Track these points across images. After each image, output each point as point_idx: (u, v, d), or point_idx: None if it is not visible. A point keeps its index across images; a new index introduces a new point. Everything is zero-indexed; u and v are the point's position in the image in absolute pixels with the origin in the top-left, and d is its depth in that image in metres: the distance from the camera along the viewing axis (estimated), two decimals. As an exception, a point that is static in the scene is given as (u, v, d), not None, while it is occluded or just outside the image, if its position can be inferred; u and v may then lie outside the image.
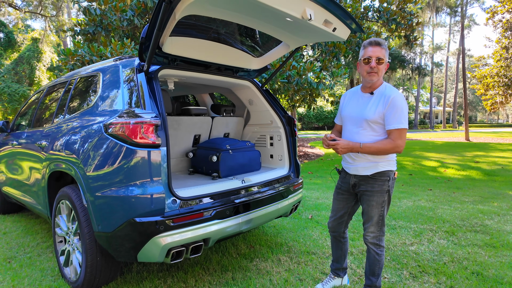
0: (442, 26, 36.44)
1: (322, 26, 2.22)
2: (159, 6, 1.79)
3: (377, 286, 2.08)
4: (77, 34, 7.05)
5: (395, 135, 1.88)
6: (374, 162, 1.96)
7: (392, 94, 1.90)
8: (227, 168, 2.79)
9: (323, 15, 2.17)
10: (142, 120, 1.95)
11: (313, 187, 6.06)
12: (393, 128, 1.88)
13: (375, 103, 1.95)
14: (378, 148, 1.89)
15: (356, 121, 2.02)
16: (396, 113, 1.87)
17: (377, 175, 1.97)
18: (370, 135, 1.96)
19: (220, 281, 2.44)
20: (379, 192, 1.98)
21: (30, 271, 2.65)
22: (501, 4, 16.16)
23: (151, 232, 1.87)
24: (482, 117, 61.12)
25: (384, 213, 2.01)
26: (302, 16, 2.04)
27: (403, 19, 8.54)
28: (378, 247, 2.04)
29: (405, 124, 1.89)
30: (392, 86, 1.99)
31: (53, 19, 20.44)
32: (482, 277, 2.45)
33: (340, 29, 2.36)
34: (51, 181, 2.66)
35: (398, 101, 1.88)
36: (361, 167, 2.01)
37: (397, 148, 1.88)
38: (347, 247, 2.33)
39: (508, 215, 4.05)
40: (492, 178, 7.00)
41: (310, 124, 35.97)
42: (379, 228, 2.02)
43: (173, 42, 2.37)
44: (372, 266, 2.06)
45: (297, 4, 1.99)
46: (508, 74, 16.77)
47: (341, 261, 2.32)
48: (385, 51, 1.93)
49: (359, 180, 2.04)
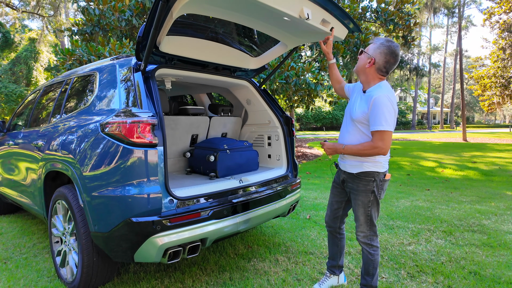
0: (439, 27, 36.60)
1: (320, 26, 2.22)
2: (156, 4, 1.78)
3: (372, 285, 2.07)
4: (74, 34, 7.03)
5: (375, 137, 1.84)
6: (359, 162, 1.97)
7: (376, 94, 1.84)
8: (224, 168, 2.78)
9: (321, 14, 2.17)
10: (139, 119, 1.94)
11: (311, 187, 6.06)
12: (374, 129, 1.84)
13: (362, 102, 1.94)
14: (358, 150, 1.90)
15: (347, 118, 2.07)
16: (377, 114, 1.82)
17: (362, 175, 1.97)
18: (356, 134, 1.97)
19: (217, 281, 2.43)
20: (364, 192, 1.98)
21: (26, 272, 2.63)
22: (498, 5, 16.25)
23: (148, 232, 1.86)
24: (479, 118, 61.39)
25: (372, 214, 1.99)
26: (300, 15, 2.03)
27: (400, 20, 8.57)
28: (371, 247, 2.04)
29: (386, 126, 1.80)
30: (385, 86, 1.90)
31: (50, 19, 20.37)
32: (479, 277, 2.45)
33: (338, 28, 2.36)
34: (47, 181, 2.65)
35: (380, 102, 1.81)
36: (349, 165, 2.04)
37: (377, 149, 1.83)
38: (343, 244, 2.33)
39: (505, 215, 4.06)
40: (489, 178, 7.02)
41: (308, 124, 36.00)
42: (368, 228, 2.02)
43: (170, 41, 2.36)
44: (366, 265, 2.07)
45: (295, 3, 1.98)
46: (505, 75, 16.85)
47: (337, 258, 2.32)
48: (371, 46, 1.94)
49: (347, 176, 2.08)
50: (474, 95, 21.04)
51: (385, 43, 1.91)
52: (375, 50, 1.92)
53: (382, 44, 1.91)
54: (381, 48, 1.90)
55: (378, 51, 1.91)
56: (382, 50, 1.90)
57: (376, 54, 1.91)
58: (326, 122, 35.96)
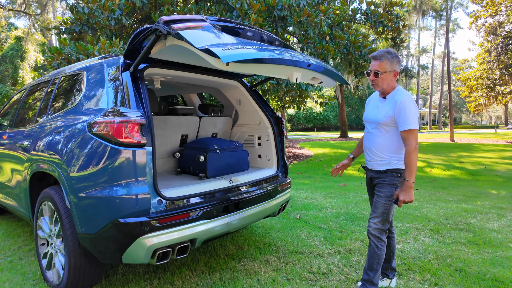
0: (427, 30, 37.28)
1: (309, 81, 2.44)
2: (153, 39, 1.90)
3: (374, 282, 2.10)
4: (62, 32, 6.91)
5: (408, 135, 2.01)
6: (387, 160, 2.12)
7: (400, 98, 2.05)
8: (214, 168, 2.77)
9: (310, 74, 2.33)
10: (127, 119, 1.92)
11: (302, 187, 6.09)
12: (404, 129, 2.02)
13: (385, 107, 2.12)
14: (410, 164, 1.99)
15: (371, 123, 2.22)
16: (405, 115, 2.01)
17: (390, 171, 2.12)
18: (382, 135, 2.15)
19: (207, 282, 2.42)
20: (389, 185, 2.11)
21: (11, 275, 2.57)
22: (484, 8, 16.63)
23: (136, 233, 1.84)
24: (466, 119, 62.67)
25: (390, 208, 2.11)
26: (289, 78, 2.20)
27: (390, 22, 8.69)
28: (379, 241, 2.10)
29: (414, 124, 2.01)
30: (403, 90, 2.13)
31: (37, 18, 19.97)
32: (465, 274, 2.50)
33: (326, 82, 2.54)
34: (33, 182, 2.59)
35: (405, 104, 2.02)
36: (376, 164, 2.18)
37: (414, 146, 2.00)
38: (394, 244, 2.33)
39: (490, 213, 4.15)
40: (475, 177, 7.18)
41: (300, 125, 36.17)
42: (382, 222, 2.10)
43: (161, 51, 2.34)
44: (371, 260, 2.10)
45: (286, 71, 2.14)
46: (490, 76, 17.25)
47: (389, 259, 2.31)
48: (385, 62, 2.07)
49: (374, 174, 2.21)
50: (461, 97, 21.47)
51: (394, 53, 2.10)
52: (392, 64, 2.09)
53: (393, 56, 2.09)
54: (395, 59, 2.10)
55: (395, 62, 2.10)
56: (397, 61, 2.11)
57: (395, 66, 2.10)
58: (317, 122, 36.20)
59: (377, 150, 2.16)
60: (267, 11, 7.20)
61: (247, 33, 2.22)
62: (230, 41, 1.94)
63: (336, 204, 4.62)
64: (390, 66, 2.08)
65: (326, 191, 5.64)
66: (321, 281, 2.41)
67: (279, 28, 7.65)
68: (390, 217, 2.13)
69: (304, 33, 7.58)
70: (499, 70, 16.66)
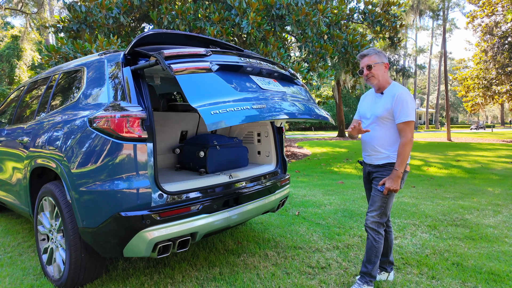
0: (425, 29, 37.43)
1: None
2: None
3: (372, 275, 2.13)
4: (59, 31, 6.89)
5: (404, 127, 2.07)
6: (386, 154, 2.16)
7: (398, 91, 2.11)
8: (214, 164, 2.79)
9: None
10: (128, 113, 1.93)
11: (300, 185, 6.12)
12: (401, 121, 2.07)
13: (383, 101, 2.18)
14: (402, 155, 2.05)
15: (369, 117, 2.27)
16: (402, 108, 2.07)
17: (388, 164, 2.16)
18: (381, 129, 2.19)
19: (207, 276, 2.44)
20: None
21: (11, 271, 2.57)
22: (481, 9, 16.75)
23: (137, 227, 1.86)
24: (463, 118, 63.04)
25: (388, 202, 2.14)
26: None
27: (387, 21, 8.74)
28: (377, 233, 2.13)
29: (411, 116, 2.07)
30: (399, 84, 2.19)
31: (34, 16, 19.87)
32: (462, 268, 2.54)
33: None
34: (33, 178, 2.60)
35: (403, 97, 2.08)
36: (375, 158, 2.22)
37: (409, 138, 2.06)
38: (391, 238, 2.36)
39: (486, 209, 4.20)
40: (472, 175, 7.24)
41: (298, 124, 36.21)
42: (379, 215, 2.14)
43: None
44: (369, 252, 2.13)
45: None
46: (487, 76, 17.38)
47: (387, 253, 2.34)
48: (374, 56, 2.18)
49: (372, 168, 2.25)
50: (458, 96, 21.61)
51: (378, 49, 2.24)
52: (380, 56, 2.19)
53: (378, 51, 2.21)
54: (381, 53, 2.21)
55: (382, 55, 2.19)
56: (383, 54, 2.22)
57: (383, 58, 2.20)
58: (315, 122, 36.21)
59: (376, 145, 2.19)
60: (265, 10, 7.22)
61: (247, 68, 2.22)
62: (225, 92, 1.91)
63: (334, 201, 4.65)
64: (379, 58, 2.18)
65: (324, 189, 5.67)
66: (320, 275, 2.44)
67: (277, 27, 7.67)
68: (387, 210, 2.16)
69: (302, 32, 7.61)
70: (495, 70, 16.79)
